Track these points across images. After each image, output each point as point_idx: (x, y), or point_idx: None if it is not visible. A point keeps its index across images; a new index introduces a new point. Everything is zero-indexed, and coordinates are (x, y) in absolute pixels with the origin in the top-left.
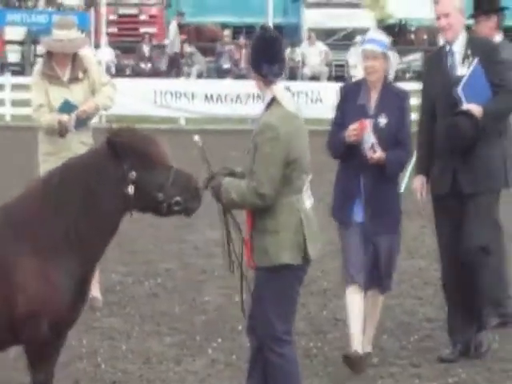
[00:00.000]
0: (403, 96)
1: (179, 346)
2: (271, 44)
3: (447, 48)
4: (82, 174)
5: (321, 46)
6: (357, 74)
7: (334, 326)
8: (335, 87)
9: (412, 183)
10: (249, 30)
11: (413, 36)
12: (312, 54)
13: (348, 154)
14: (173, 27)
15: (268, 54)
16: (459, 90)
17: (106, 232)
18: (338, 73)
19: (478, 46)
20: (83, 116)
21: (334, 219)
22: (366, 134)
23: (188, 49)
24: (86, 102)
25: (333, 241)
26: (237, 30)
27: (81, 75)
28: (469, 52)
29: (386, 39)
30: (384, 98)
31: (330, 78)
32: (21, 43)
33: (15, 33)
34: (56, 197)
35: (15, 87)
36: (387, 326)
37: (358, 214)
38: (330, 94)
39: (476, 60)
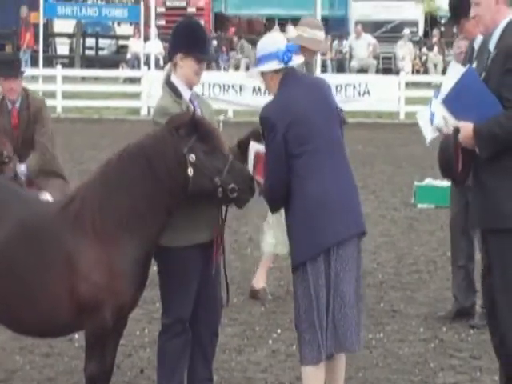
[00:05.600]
0: None
1: (240, 336)
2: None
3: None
4: (143, 156)
5: (369, 39)
6: (404, 66)
7: (392, 317)
8: (383, 80)
9: None
10: (294, 22)
11: None
12: (360, 47)
13: None
14: None
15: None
16: (443, 103)
17: (165, 214)
18: (385, 65)
19: (503, 45)
20: None
21: None
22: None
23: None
24: None
25: (386, 233)
26: (281, 23)
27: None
28: (494, 53)
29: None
30: None
31: (377, 71)
32: (70, 36)
33: (64, 26)
34: (116, 180)
35: (66, 79)
36: (445, 318)
37: None
38: (377, 86)
39: (469, 65)
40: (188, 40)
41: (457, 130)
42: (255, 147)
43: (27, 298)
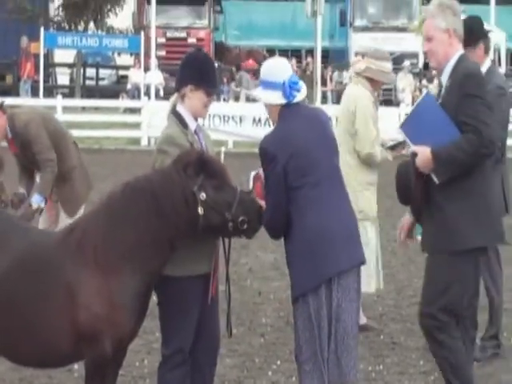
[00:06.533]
0: None
1: (240, 367)
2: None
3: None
4: (150, 193)
5: None
6: (405, 97)
7: (392, 350)
8: (383, 111)
9: None
10: (295, 53)
11: None
12: None
13: None
14: None
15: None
16: (401, 128)
17: (169, 248)
18: (386, 97)
19: (457, 75)
20: None
21: None
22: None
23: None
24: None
25: (386, 265)
26: (281, 54)
27: None
28: (448, 83)
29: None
30: None
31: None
32: (70, 66)
33: (65, 56)
34: (121, 213)
35: (66, 109)
36: None
37: None
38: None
39: (425, 91)
40: (199, 72)
41: (414, 155)
42: (255, 170)
43: (27, 328)
